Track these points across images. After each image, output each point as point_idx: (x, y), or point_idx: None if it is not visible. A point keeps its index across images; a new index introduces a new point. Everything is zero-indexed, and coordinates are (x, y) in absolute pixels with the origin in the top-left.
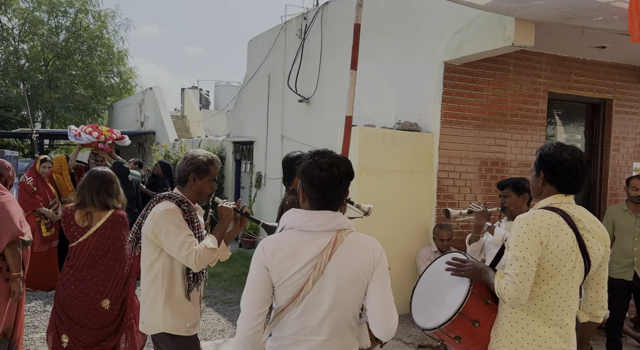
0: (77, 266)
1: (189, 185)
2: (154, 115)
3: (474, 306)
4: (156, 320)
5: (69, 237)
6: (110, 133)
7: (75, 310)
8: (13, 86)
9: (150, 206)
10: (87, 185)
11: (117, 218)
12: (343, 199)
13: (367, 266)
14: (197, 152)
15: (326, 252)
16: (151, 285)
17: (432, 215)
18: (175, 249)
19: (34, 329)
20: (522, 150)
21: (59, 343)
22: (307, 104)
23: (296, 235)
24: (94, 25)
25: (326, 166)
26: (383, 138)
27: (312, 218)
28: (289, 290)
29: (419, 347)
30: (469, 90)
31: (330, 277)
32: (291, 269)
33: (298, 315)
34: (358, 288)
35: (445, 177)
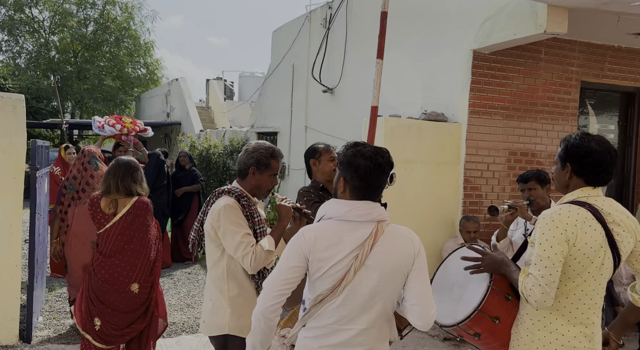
0: (106, 252)
1: (249, 179)
2: (179, 106)
3: (494, 303)
4: (221, 320)
5: (96, 225)
6: (133, 125)
7: (107, 294)
8: (44, 78)
9: (210, 202)
10: (113, 172)
11: (142, 204)
12: (383, 189)
13: (408, 257)
14: (259, 145)
15: (368, 243)
16: (217, 284)
17: (458, 207)
18: (232, 248)
19: (65, 315)
20: (553, 141)
21: (92, 326)
22: (332, 94)
23: (337, 225)
24: (121, 16)
25: (370, 155)
26: (409, 128)
27: (354, 208)
28: (329, 280)
29: (444, 340)
30: (498, 79)
31: (371, 268)
32: (332, 259)
33: (338, 305)
34: (399, 279)
35: (472, 169)
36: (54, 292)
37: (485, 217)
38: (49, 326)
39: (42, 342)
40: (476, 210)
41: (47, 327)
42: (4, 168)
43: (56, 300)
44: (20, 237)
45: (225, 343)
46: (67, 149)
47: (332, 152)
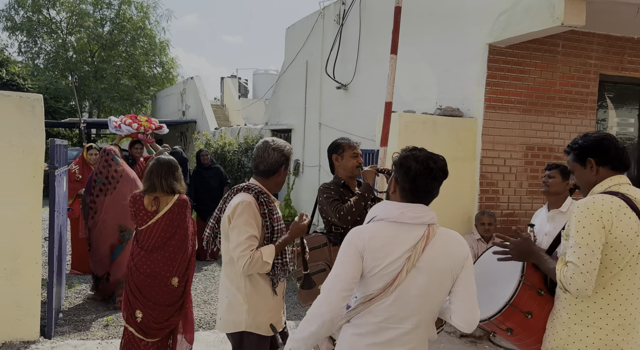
0: (147, 247)
1: (276, 177)
2: (194, 104)
3: (526, 297)
4: (238, 317)
5: (137, 221)
6: (148, 123)
7: (149, 288)
8: (62, 77)
9: (228, 199)
10: (156, 171)
11: (182, 202)
12: (435, 195)
13: (459, 260)
14: (284, 143)
15: (420, 245)
16: (233, 280)
17: (474, 202)
18: (233, 245)
19: (85, 311)
20: (571, 135)
21: (133, 318)
22: (345, 90)
23: (391, 226)
24: (136, 16)
25: (423, 159)
26: (423, 124)
27: (407, 210)
28: (382, 280)
29: (461, 337)
30: (515, 73)
31: (422, 270)
32: (386, 259)
33: (389, 305)
34: (448, 281)
35: (489, 164)
36: (74, 288)
37: (502, 213)
38: (69, 322)
39: (62, 337)
40: (492, 206)
41: (67, 323)
42: (23, 167)
43: (75, 296)
44: (39, 235)
45: (242, 340)
46: (89, 150)
47: (355, 148)
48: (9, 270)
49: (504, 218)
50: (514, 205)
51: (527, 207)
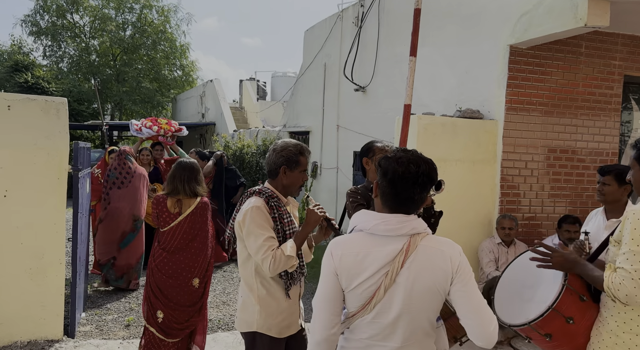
0: (170, 249)
1: (280, 178)
2: (214, 106)
3: (569, 302)
4: (250, 317)
5: (160, 223)
6: (168, 126)
7: (170, 289)
8: (85, 81)
9: (243, 201)
10: (179, 175)
11: (204, 205)
12: (419, 203)
13: (444, 276)
14: (287, 143)
15: (398, 260)
16: (247, 281)
17: (495, 206)
18: (253, 250)
19: (107, 311)
20: (595, 137)
21: (155, 318)
22: (364, 92)
23: (366, 239)
24: (157, 20)
25: (404, 162)
26: (443, 126)
27: (383, 221)
28: (359, 297)
29: None
30: (537, 74)
31: (403, 286)
32: (361, 276)
33: (369, 322)
34: (434, 297)
35: (510, 167)
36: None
37: (524, 216)
38: (91, 322)
39: (84, 337)
40: (514, 210)
41: (90, 322)
42: (48, 169)
43: (97, 296)
44: (63, 236)
45: (254, 340)
46: (111, 153)
47: (388, 151)
48: (34, 270)
49: (525, 221)
50: (536, 209)
51: (549, 211)
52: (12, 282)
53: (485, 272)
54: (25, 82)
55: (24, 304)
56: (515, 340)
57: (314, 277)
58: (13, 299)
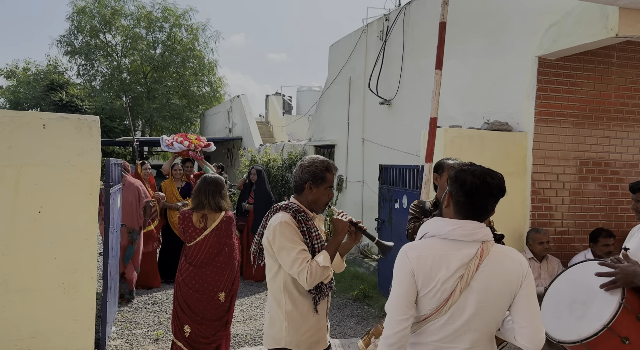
0: (196, 263)
1: (305, 194)
2: (240, 121)
3: (625, 321)
4: (278, 333)
5: (187, 238)
6: (198, 141)
7: (197, 303)
8: (116, 98)
9: (269, 216)
10: (204, 190)
11: (229, 219)
12: (490, 213)
13: (515, 279)
14: (314, 159)
15: (473, 263)
16: (275, 297)
17: (526, 219)
18: (288, 264)
19: (136, 325)
20: (629, 148)
21: (182, 333)
22: (389, 106)
23: (441, 243)
24: (186, 38)
25: (480, 173)
26: (470, 139)
27: (459, 227)
28: (433, 299)
29: None
30: (566, 85)
31: (476, 289)
32: (437, 277)
33: (443, 324)
34: (505, 300)
35: (540, 180)
36: (125, 302)
37: (556, 231)
38: (121, 336)
39: None
40: (545, 223)
41: (120, 336)
42: (80, 186)
43: (127, 310)
44: (95, 251)
45: None
46: (142, 165)
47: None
48: (66, 285)
49: (557, 236)
50: (568, 223)
51: (582, 225)
52: (45, 297)
53: None
54: (60, 100)
55: (57, 317)
56: None
57: (341, 292)
58: (46, 313)
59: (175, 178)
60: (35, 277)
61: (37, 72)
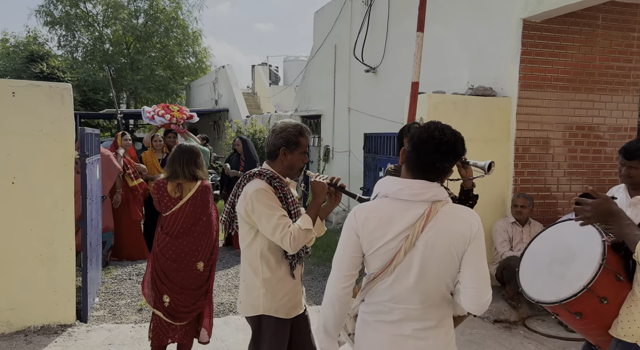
0: (173, 233)
1: (280, 160)
2: (226, 93)
3: (604, 282)
4: (255, 301)
5: (162, 208)
6: (180, 113)
7: (175, 273)
8: (100, 70)
9: (242, 184)
10: (178, 158)
11: (205, 188)
12: (440, 172)
13: (462, 239)
14: (286, 124)
15: (419, 224)
16: (251, 265)
17: (509, 185)
18: (269, 231)
19: (120, 296)
20: (612, 112)
21: (161, 303)
22: (374, 73)
23: (390, 204)
24: (169, 7)
25: (432, 129)
26: (454, 105)
27: (406, 186)
28: (380, 259)
29: (495, 322)
30: (551, 48)
31: (422, 249)
32: (382, 239)
33: (390, 284)
34: (451, 261)
35: (524, 145)
36: (110, 274)
37: (539, 195)
38: (105, 306)
39: (97, 321)
40: (528, 189)
41: (103, 307)
42: (54, 155)
43: (112, 281)
44: (72, 222)
45: (260, 323)
46: (123, 136)
47: None
48: (44, 256)
49: (540, 201)
50: (551, 187)
51: (565, 189)
52: (23, 268)
53: (499, 252)
54: (41, 72)
55: (36, 289)
56: (530, 320)
57: (327, 260)
58: (25, 285)
59: (155, 149)
60: (12, 248)
61: (16, 44)
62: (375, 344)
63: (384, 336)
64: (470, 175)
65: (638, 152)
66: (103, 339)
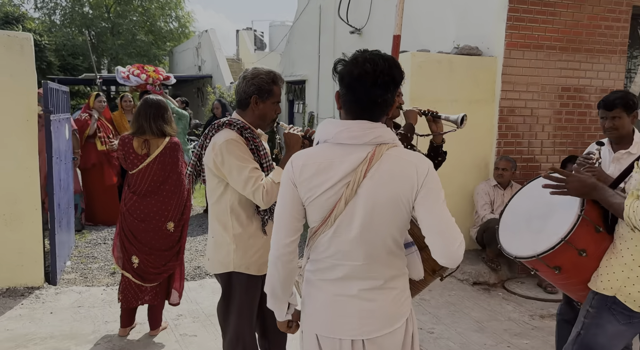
0: (140, 192)
1: (251, 109)
2: (210, 59)
3: (583, 234)
4: (225, 258)
5: (128, 165)
6: (156, 74)
7: (144, 233)
8: (79, 34)
9: (210, 135)
10: (144, 113)
11: (174, 145)
12: (383, 107)
13: (409, 185)
14: (258, 70)
15: (361, 169)
16: (220, 220)
17: (492, 148)
18: (240, 184)
19: (93, 260)
20: (599, 73)
21: (130, 264)
22: (359, 35)
23: (329, 149)
24: None
25: (361, 60)
26: (438, 64)
27: (346, 129)
28: (320, 209)
29: (474, 284)
30: (539, 6)
31: (364, 197)
32: (321, 187)
33: (330, 237)
34: (397, 211)
35: (508, 106)
36: (85, 238)
37: (522, 158)
38: (76, 270)
39: (67, 284)
40: (511, 152)
41: (75, 270)
42: (15, 110)
43: (86, 245)
44: (37, 181)
45: (230, 280)
46: (97, 97)
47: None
48: (8, 216)
49: (524, 164)
50: (535, 150)
51: (549, 152)
52: None
53: (480, 215)
54: None
55: (0, 250)
56: (509, 282)
57: None
58: None
59: (125, 110)
60: None
61: None
62: (319, 305)
63: (327, 296)
64: (441, 130)
65: (618, 100)
66: (72, 301)
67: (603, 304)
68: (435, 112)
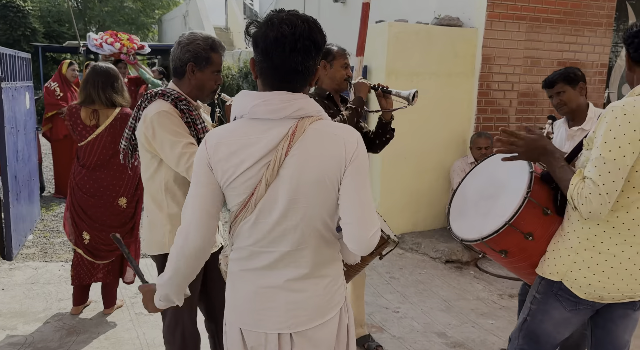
0: (89, 165)
1: (187, 78)
2: (197, 28)
3: (529, 217)
4: (160, 239)
5: (76, 137)
6: (130, 42)
7: (94, 209)
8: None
9: (142, 106)
10: (92, 81)
11: (125, 116)
12: (306, 75)
13: (336, 163)
14: (195, 35)
15: (282, 146)
16: (155, 199)
17: (470, 123)
18: (173, 160)
19: (57, 234)
20: (583, 47)
21: (81, 240)
22: (343, 4)
23: (246, 125)
24: None
25: (277, 22)
26: (416, 35)
27: (263, 101)
28: (239, 193)
29: (446, 262)
30: None
31: (288, 178)
32: (239, 168)
33: (253, 223)
34: (324, 191)
35: (488, 80)
36: (52, 211)
37: None
38: (37, 244)
39: (25, 259)
40: (490, 128)
41: (35, 245)
42: None
43: (52, 219)
44: None
45: (166, 262)
46: (70, 65)
47: (347, 58)
48: None
49: None
50: (514, 126)
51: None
52: None
53: None
54: None
55: None
56: (482, 261)
57: None
58: None
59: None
60: None
61: None
62: (242, 297)
63: (251, 288)
64: (391, 107)
65: (555, 76)
66: (27, 277)
67: (549, 290)
68: (386, 87)
